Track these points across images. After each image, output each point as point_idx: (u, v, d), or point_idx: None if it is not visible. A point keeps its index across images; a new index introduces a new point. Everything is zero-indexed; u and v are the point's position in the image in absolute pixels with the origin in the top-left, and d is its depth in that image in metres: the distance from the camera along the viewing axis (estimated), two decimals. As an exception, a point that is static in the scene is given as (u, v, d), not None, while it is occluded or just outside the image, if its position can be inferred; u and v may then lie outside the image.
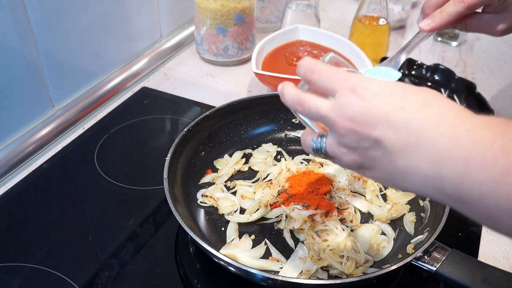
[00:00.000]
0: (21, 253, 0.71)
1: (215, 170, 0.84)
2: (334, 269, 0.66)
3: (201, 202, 0.77)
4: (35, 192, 0.82)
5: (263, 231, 0.73)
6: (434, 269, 0.59)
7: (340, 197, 0.77)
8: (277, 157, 0.87)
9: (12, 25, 0.81)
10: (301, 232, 0.71)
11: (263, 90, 1.09)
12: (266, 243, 0.71)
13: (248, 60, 1.19)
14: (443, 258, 0.60)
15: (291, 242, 0.71)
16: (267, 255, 0.69)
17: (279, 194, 0.77)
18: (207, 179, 0.82)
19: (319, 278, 0.65)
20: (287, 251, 0.70)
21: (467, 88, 1.01)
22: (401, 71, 1.10)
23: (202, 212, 0.76)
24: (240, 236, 0.72)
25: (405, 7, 1.34)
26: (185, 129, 0.79)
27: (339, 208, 0.75)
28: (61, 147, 0.92)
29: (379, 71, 0.65)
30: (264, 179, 0.82)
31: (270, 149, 0.88)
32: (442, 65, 1.06)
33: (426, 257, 0.61)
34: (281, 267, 0.67)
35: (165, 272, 0.68)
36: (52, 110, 0.94)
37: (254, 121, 0.90)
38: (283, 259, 0.68)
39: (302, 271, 0.66)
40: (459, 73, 1.06)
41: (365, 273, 0.66)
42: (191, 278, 0.68)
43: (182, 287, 0.67)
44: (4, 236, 0.73)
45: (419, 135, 0.41)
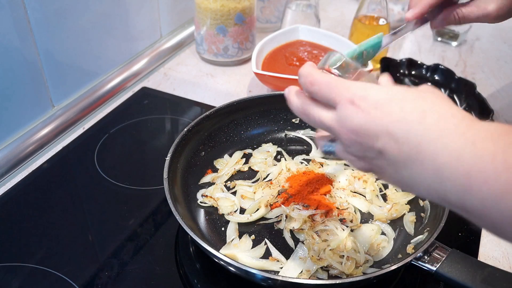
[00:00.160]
0: (21, 253, 0.71)
1: (215, 170, 0.84)
2: (334, 269, 0.66)
3: (201, 202, 0.77)
4: (35, 192, 0.82)
5: (263, 231, 0.73)
6: (434, 269, 0.59)
7: (340, 197, 0.77)
8: (277, 157, 0.87)
9: (12, 25, 0.81)
10: (301, 232, 0.71)
11: (263, 90, 1.09)
12: (266, 243, 0.71)
13: (248, 60, 1.19)
14: (443, 258, 0.60)
15: (291, 242, 0.71)
16: (267, 255, 0.69)
17: (279, 194, 0.77)
18: (207, 179, 0.82)
19: (319, 278, 0.65)
20: (287, 251, 0.70)
21: (467, 88, 1.01)
22: (401, 72, 1.10)
23: (202, 212, 0.76)
24: (240, 236, 0.72)
25: (405, 7, 1.34)
26: (185, 129, 0.79)
27: (339, 208, 0.75)
28: (61, 147, 0.92)
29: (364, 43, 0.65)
30: (264, 179, 0.82)
31: (270, 149, 0.88)
32: (442, 65, 1.06)
33: (426, 257, 0.61)
34: (281, 267, 0.67)
35: (165, 272, 0.68)
36: (52, 110, 0.94)
37: (254, 121, 0.90)
38: (283, 259, 0.68)
39: (302, 271, 0.66)
40: (459, 73, 1.06)
41: (365, 273, 0.66)
42: (191, 278, 0.68)
43: (182, 287, 0.67)
44: (4, 236, 0.73)
45: (420, 148, 0.41)
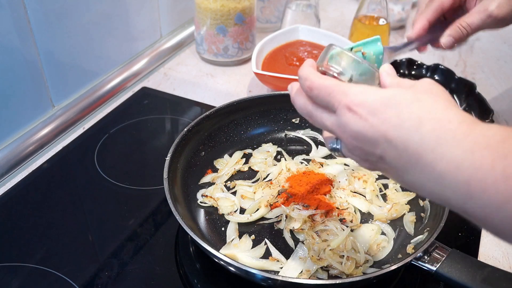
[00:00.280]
0: (21, 253, 0.71)
1: (215, 170, 0.84)
2: (334, 269, 0.66)
3: (201, 202, 0.77)
4: (35, 192, 0.82)
5: (263, 231, 0.73)
6: (434, 269, 0.59)
7: (340, 197, 0.77)
8: (277, 157, 0.87)
9: (12, 25, 0.81)
10: (301, 232, 0.71)
11: (263, 90, 1.09)
12: (266, 243, 0.71)
13: (248, 60, 1.19)
14: (443, 258, 0.60)
15: (291, 242, 0.71)
16: (267, 255, 0.69)
17: (279, 194, 0.77)
18: (207, 179, 0.82)
19: (319, 278, 0.65)
20: (287, 251, 0.70)
21: (467, 88, 1.01)
22: (401, 72, 1.10)
23: (202, 212, 0.76)
24: (240, 236, 0.72)
25: (405, 7, 1.34)
26: (185, 129, 0.79)
27: (339, 208, 0.75)
28: (61, 147, 0.92)
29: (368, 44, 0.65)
30: (264, 179, 0.82)
31: (270, 149, 0.88)
32: (442, 65, 1.06)
33: (426, 257, 0.61)
34: (281, 267, 0.67)
35: (165, 272, 0.68)
36: (52, 110, 0.94)
37: (254, 121, 0.90)
38: (283, 259, 0.68)
39: (302, 271, 0.66)
40: (459, 73, 1.06)
41: (365, 273, 0.66)
42: (191, 278, 0.68)
43: (182, 287, 0.67)
44: (4, 236, 0.73)
45: (418, 156, 0.41)
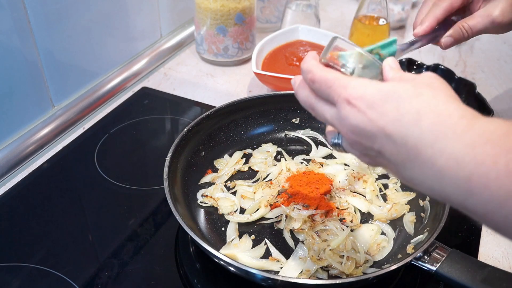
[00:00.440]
0: (21, 253, 0.71)
1: (215, 170, 0.84)
2: (334, 269, 0.66)
3: (201, 202, 0.77)
4: (35, 192, 0.82)
5: (263, 231, 0.73)
6: (434, 269, 0.59)
7: (340, 197, 0.77)
8: (277, 157, 0.87)
9: (12, 25, 0.81)
10: (301, 232, 0.71)
11: (263, 90, 1.09)
12: (266, 243, 0.71)
13: (248, 60, 1.19)
14: (443, 258, 0.60)
15: (291, 242, 0.71)
16: (267, 255, 0.69)
17: (279, 194, 0.77)
18: (207, 179, 0.82)
19: (319, 278, 0.65)
20: (287, 251, 0.70)
21: (467, 88, 1.01)
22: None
23: (202, 212, 0.76)
24: (240, 236, 0.72)
25: (405, 7, 1.34)
26: (185, 129, 0.79)
27: (339, 208, 0.75)
28: (61, 147, 0.92)
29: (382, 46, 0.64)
30: (264, 179, 0.82)
31: (270, 149, 0.88)
32: (442, 65, 1.06)
33: (426, 257, 0.61)
34: (281, 267, 0.67)
35: (165, 272, 0.68)
36: (52, 110, 0.94)
37: (254, 121, 0.90)
38: (283, 259, 0.68)
39: (302, 271, 0.66)
40: (459, 73, 1.06)
41: (365, 273, 0.66)
42: (191, 278, 0.68)
43: (182, 287, 0.67)
44: (4, 236, 0.73)
45: (418, 151, 0.41)
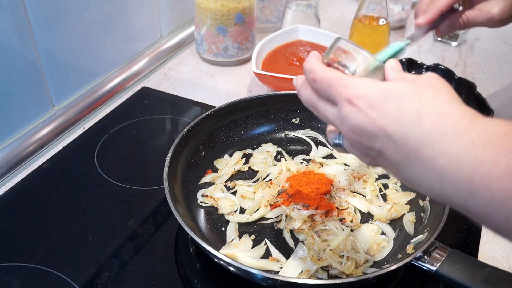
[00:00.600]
0: (21, 253, 0.71)
1: (215, 170, 0.84)
2: (334, 269, 0.66)
3: (201, 202, 0.77)
4: (35, 192, 0.82)
5: (263, 231, 0.73)
6: (434, 269, 0.59)
7: (340, 197, 0.77)
8: (277, 157, 0.87)
9: (12, 25, 0.81)
10: (301, 232, 0.71)
11: (263, 90, 1.09)
12: (266, 243, 0.71)
13: (248, 60, 1.19)
14: (443, 258, 0.60)
15: (291, 242, 0.71)
16: (267, 255, 0.69)
17: (279, 194, 0.77)
18: (207, 179, 0.82)
19: (319, 278, 0.65)
20: (287, 251, 0.70)
21: (467, 88, 1.01)
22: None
23: (202, 212, 0.76)
24: (240, 236, 0.72)
25: (405, 7, 1.34)
26: (185, 129, 0.79)
27: (339, 208, 0.75)
28: (61, 147, 0.92)
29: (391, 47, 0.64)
30: (264, 179, 0.82)
31: (270, 149, 0.88)
32: (442, 65, 1.06)
33: (426, 257, 0.61)
34: (281, 267, 0.67)
35: (165, 272, 0.68)
36: (52, 110, 0.94)
37: (254, 121, 0.90)
38: (283, 259, 0.68)
39: (302, 271, 0.66)
40: (459, 73, 1.06)
41: (365, 273, 0.66)
42: (191, 278, 0.68)
43: (182, 287, 0.67)
44: (4, 236, 0.73)
45: (418, 151, 0.41)
